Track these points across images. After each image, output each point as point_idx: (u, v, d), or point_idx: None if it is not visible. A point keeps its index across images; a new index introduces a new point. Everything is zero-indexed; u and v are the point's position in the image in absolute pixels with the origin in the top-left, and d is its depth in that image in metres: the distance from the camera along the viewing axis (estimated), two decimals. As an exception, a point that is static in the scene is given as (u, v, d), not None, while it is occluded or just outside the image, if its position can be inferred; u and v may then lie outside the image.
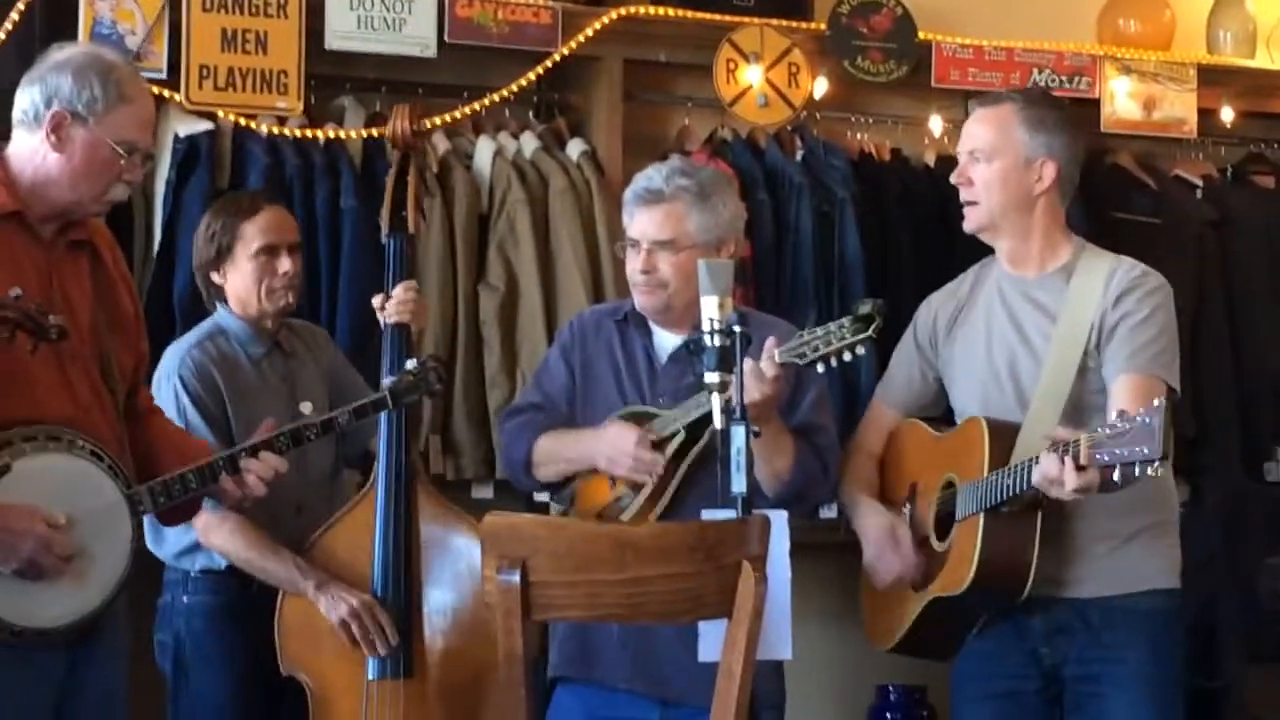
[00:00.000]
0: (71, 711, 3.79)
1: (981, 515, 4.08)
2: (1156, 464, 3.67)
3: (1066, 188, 4.33)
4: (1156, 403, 3.68)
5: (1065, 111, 4.43)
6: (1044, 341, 4.24)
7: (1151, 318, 4.18)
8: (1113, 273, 4.23)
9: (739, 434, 3.55)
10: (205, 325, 4.75)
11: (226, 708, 4.59)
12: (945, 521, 4.24)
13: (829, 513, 5.65)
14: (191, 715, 4.61)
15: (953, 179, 4.35)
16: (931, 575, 4.25)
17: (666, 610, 3.33)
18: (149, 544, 4.53)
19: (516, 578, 3.19)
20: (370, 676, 4.49)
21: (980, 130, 4.31)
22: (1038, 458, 3.92)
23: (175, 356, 4.63)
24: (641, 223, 4.33)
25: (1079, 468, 3.79)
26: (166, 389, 4.57)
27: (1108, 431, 3.74)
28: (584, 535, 3.28)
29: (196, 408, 4.57)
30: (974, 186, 4.29)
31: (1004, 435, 4.12)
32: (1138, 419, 3.69)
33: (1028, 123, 4.27)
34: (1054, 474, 3.84)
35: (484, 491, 5.65)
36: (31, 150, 3.81)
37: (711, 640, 3.43)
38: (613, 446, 4.24)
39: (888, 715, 6.21)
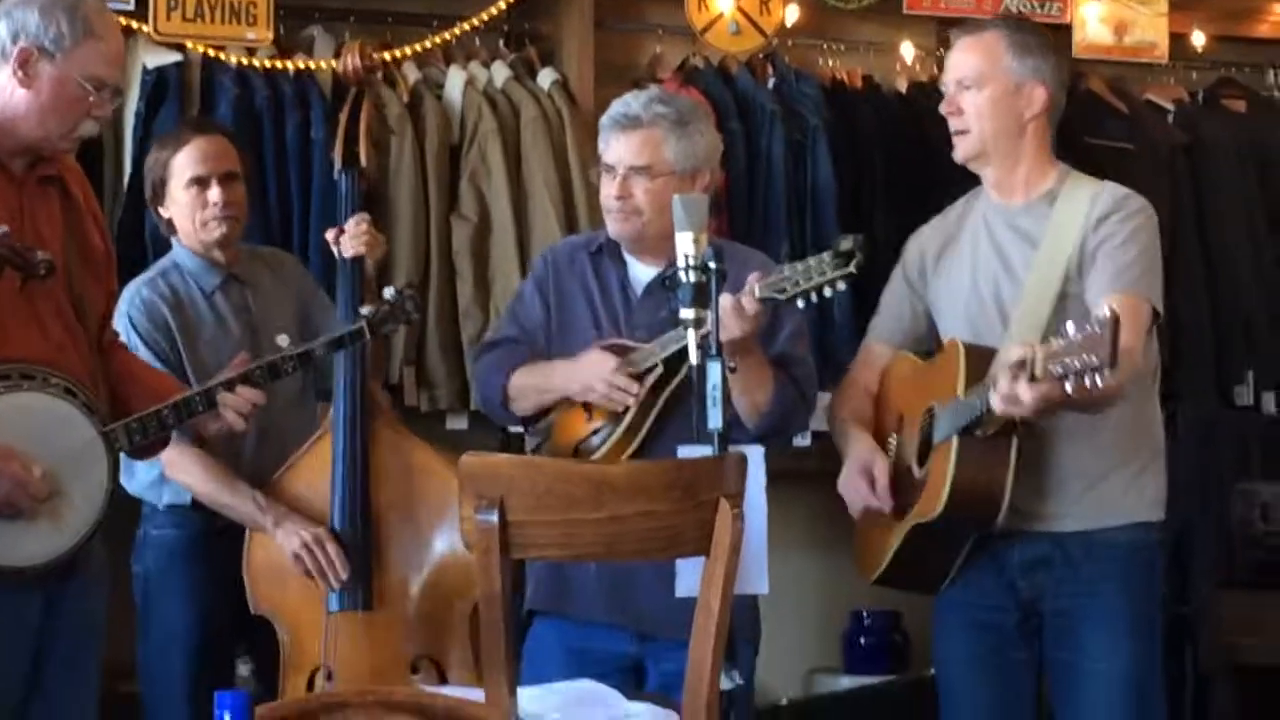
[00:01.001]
0: (48, 648, 3.80)
1: (955, 438, 4.07)
2: (1106, 372, 3.62)
3: (1054, 113, 4.30)
4: (1106, 312, 3.67)
5: (1048, 37, 4.40)
6: (1025, 267, 4.22)
7: (1132, 238, 4.16)
8: (1095, 198, 4.21)
9: (715, 370, 3.55)
10: (161, 261, 4.75)
11: (188, 639, 4.60)
12: (927, 448, 4.25)
13: (802, 441, 5.67)
14: (156, 647, 4.64)
15: (942, 109, 4.30)
16: (912, 503, 4.26)
17: (644, 548, 3.33)
18: (121, 478, 4.55)
19: (495, 517, 3.18)
20: (330, 609, 4.51)
21: (967, 58, 4.27)
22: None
23: (126, 296, 4.60)
24: (617, 148, 4.31)
25: (1032, 380, 3.77)
26: (119, 327, 4.54)
27: (1060, 343, 3.72)
28: (561, 474, 3.27)
29: (146, 345, 4.56)
30: (964, 115, 4.25)
31: (980, 357, 4.09)
32: (1087, 328, 3.67)
33: (1015, 48, 4.24)
34: (1007, 390, 3.82)
35: (458, 422, 5.67)
36: None
37: (688, 576, 3.44)
38: (588, 373, 4.24)
39: (862, 640, 6.26)
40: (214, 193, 4.62)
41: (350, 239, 4.65)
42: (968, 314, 4.28)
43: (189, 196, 4.63)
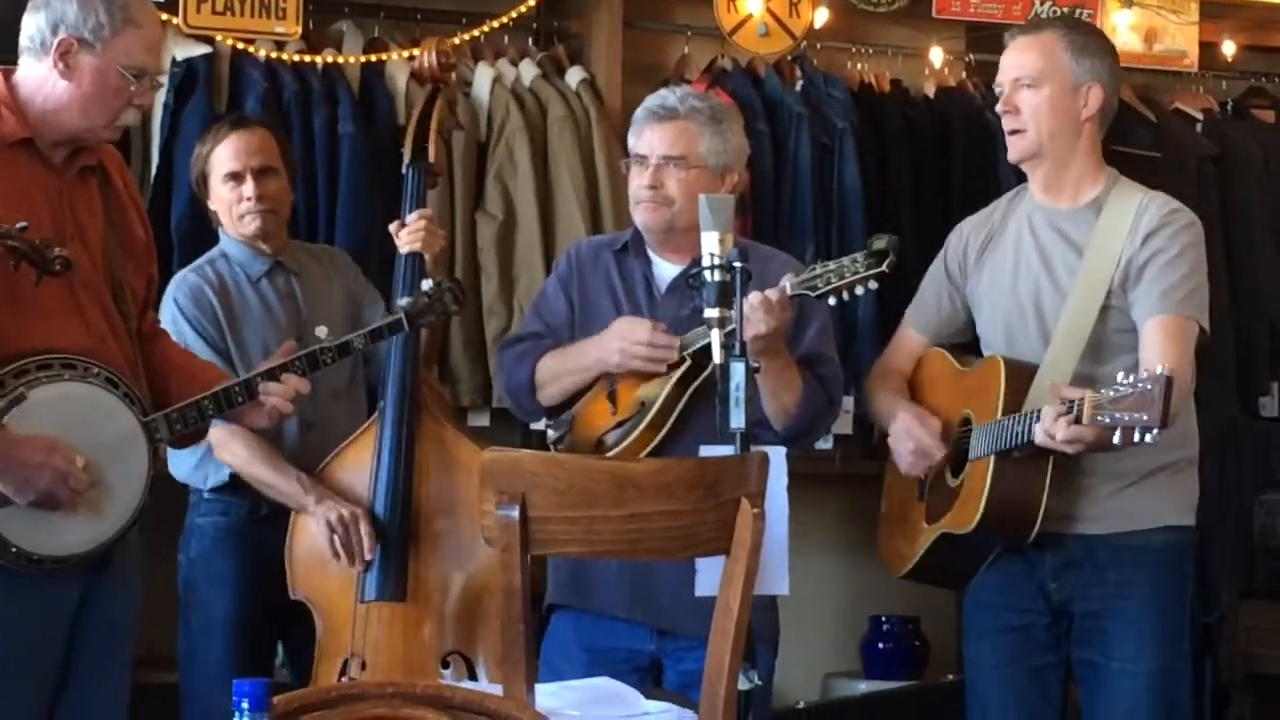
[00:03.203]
0: (82, 636, 3.81)
1: (992, 458, 4.09)
2: (1155, 432, 3.68)
3: (1107, 114, 4.30)
4: (1160, 370, 3.69)
5: (1105, 38, 4.39)
6: (1069, 276, 4.21)
7: (1181, 256, 4.15)
8: (1143, 209, 4.20)
9: (738, 369, 3.55)
10: (213, 250, 4.81)
11: (227, 626, 4.65)
12: (960, 458, 4.25)
13: (824, 444, 5.66)
14: (197, 634, 4.69)
15: (999, 109, 4.28)
16: (943, 509, 4.26)
17: (665, 546, 3.33)
18: (169, 465, 4.67)
19: (516, 513, 3.19)
20: (363, 598, 4.50)
21: (1025, 58, 4.24)
22: (1039, 413, 3.94)
23: (174, 282, 4.71)
24: (651, 138, 4.31)
25: (1077, 423, 3.81)
26: (166, 314, 4.64)
27: (1111, 394, 3.75)
28: (584, 471, 3.27)
29: (195, 330, 4.63)
30: (1021, 114, 4.23)
31: (1020, 376, 4.12)
32: (1140, 385, 3.69)
33: (1073, 48, 4.22)
34: (1050, 427, 3.87)
35: (480, 419, 5.67)
36: (40, 78, 3.77)
37: (709, 575, 3.43)
38: (625, 339, 4.23)
39: (881, 646, 6.25)
40: (248, 187, 4.68)
41: (409, 234, 4.65)
42: (1005, 315, 4.27)
43: (226, 190, 4.69)
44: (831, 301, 4.06)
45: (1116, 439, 3.75)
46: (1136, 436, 3.71)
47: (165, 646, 4.77)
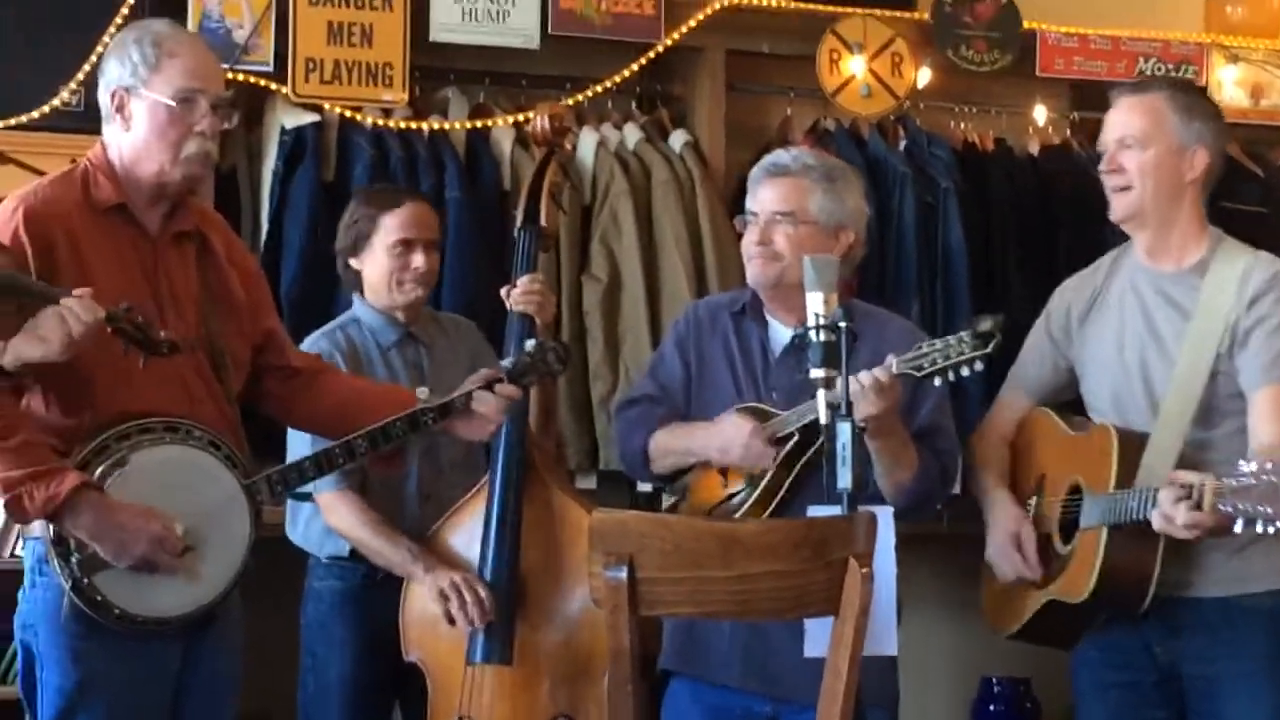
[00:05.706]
0: (185, 698, 3.86)
1: (1105, 529, 4.07)
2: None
3: (1212, 177, 4.29)
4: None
5: (1211, 101, 4.38)
6: (1176, 341, 4.18)
7: None
8: (1248, 272, 4.17)
9: (844, 429, 3.55)
10: (344, 315, 4.85)
11: (344, 689, 4.68)
12: (1070, 525, 4.22)
13: (932, 504, 5.63)
14: (314, 696, 4.72)
15: (1102, 167, 4.28)
16: (1052, 575, 4.24)
17: (773, 607, 3.33)
18: (286, 528, 4.74)
19: (624, 574, 3.20)
20: (471, 660, 4.51)
21: (1132, 118, 4.25)
22: (1156, 494, 3.91)
23: (306, 345, 4.74)
24: (763, 196, 4.36)
25: (1197, 508, 3.78)
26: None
27: (1234, 483, 3.70)
28: (691, 532, 3.28)
29: None
30: (1126, 173, 4.23)
31: (1132, 447, 4.10)
32: (1265, 477, 3.64)
33: (1180, 110, 4.23)
34: (1169, 512, 3.84)
35: (587, 482, 5.67)
36: (115, 139, 3.90)
37: (817, 637, 3.43)
38: (725, 436, 4.26)
39: (992, 707, 6.20)
40: (418, 258, 4.74)
41: (520, 295, 4.66)
42: (1112, 381, 4.25)
43: (390, 256, 4.73)
44: (937, 382, 4.03)
45: (1238, 528, 3.71)
46: (1260, 528, 3.67)
47: (275, 708, 4.80)
